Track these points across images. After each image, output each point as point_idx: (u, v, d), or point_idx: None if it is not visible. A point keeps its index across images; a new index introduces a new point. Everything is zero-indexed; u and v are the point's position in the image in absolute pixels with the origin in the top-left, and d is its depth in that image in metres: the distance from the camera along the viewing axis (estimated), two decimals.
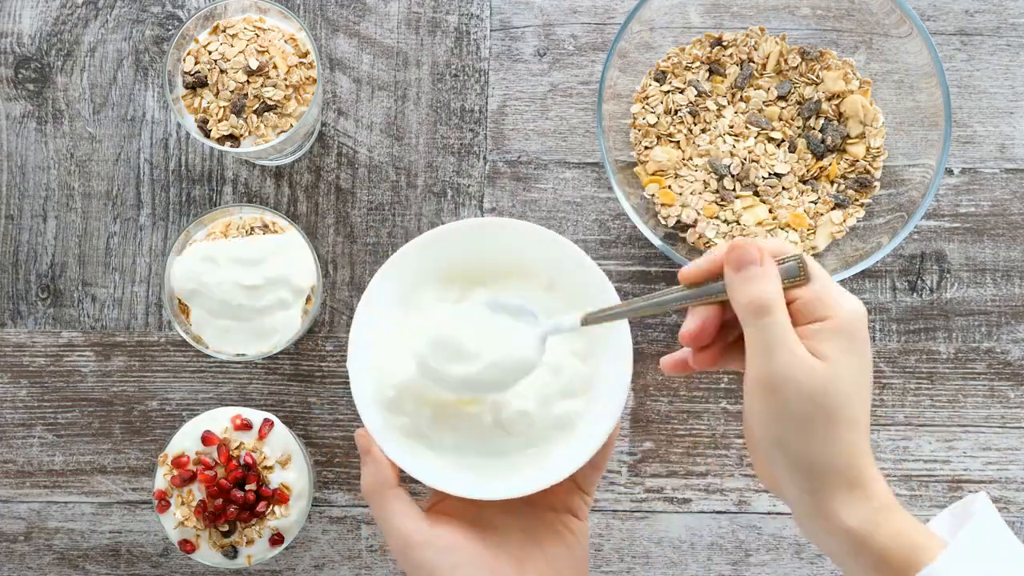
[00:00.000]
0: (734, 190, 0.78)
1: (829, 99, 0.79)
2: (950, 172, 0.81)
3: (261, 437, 0.74)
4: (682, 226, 0.78)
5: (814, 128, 0.79)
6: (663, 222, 0.78)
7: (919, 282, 0.81)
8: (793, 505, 0.53)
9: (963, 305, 0.81)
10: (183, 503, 0.74)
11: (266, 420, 0.74)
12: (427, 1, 0.81)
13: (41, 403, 0.80)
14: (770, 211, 0.78)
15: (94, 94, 0.81)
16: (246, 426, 0.74)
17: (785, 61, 0.80)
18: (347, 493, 0.80)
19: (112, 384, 0.80)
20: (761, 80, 0.79)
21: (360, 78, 0.81)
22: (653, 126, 0.79)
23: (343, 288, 0.81)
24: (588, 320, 0.57)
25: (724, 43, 0.80)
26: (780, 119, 0.79)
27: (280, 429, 0.75)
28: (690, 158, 0.78)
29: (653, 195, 0.78)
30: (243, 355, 0.74)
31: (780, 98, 0.80)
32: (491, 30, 0.82)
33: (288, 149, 0.77)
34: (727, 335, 0.55)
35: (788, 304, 0.51)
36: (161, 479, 0.74)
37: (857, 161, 0.78)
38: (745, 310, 0.51)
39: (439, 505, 0.61)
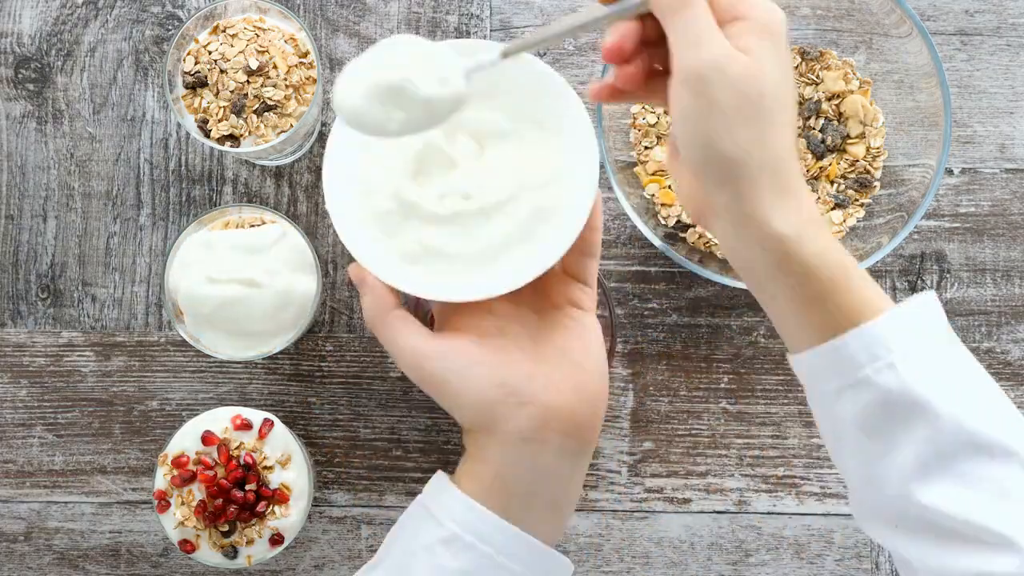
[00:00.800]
0: None
1: (829, 99, 0.79)
2: (950, 172, 0.81)
3: (261, 437, 0.74)
4: (682, 226, 0.78)
5: (814, 128, 0.79)
6: (663, 222, 0.79)
7: (919, 282, 0.81)
8: (720, 219, 0.53)
9: (963, 305, 0.81)
10: (183, 503, 0.74)
11: (266, 420, 0.74)
12: (427, 1, 0.81)
13: (41, 403, 0.80)
14: None
15: (94, 94, 0.81)
16: (246, 426, 0.74)
17: None
18: (347, 493, 0.80)
19: (112, 384, 0.80)
20: None
21: None
22: (653, 126, 0.79)
23: (343, 288, 0.81)
24: (508, 52, 0.54)
25: None
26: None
27: (280, 429, 0.75)
28: None
29: (653, 195, 0.79)
30: (243, 355, 0.74)
31: None
32: (491, 30, 0.82)
33: (288, 149, 0.77)
34: (652, 59, 0.55)
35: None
36: (161, 479, 0.74)
37: (857, 161, 0.78)
38: (667, 7, 0.51)
39: (443, 327, 0.60)
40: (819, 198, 0.78)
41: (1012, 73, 0.81)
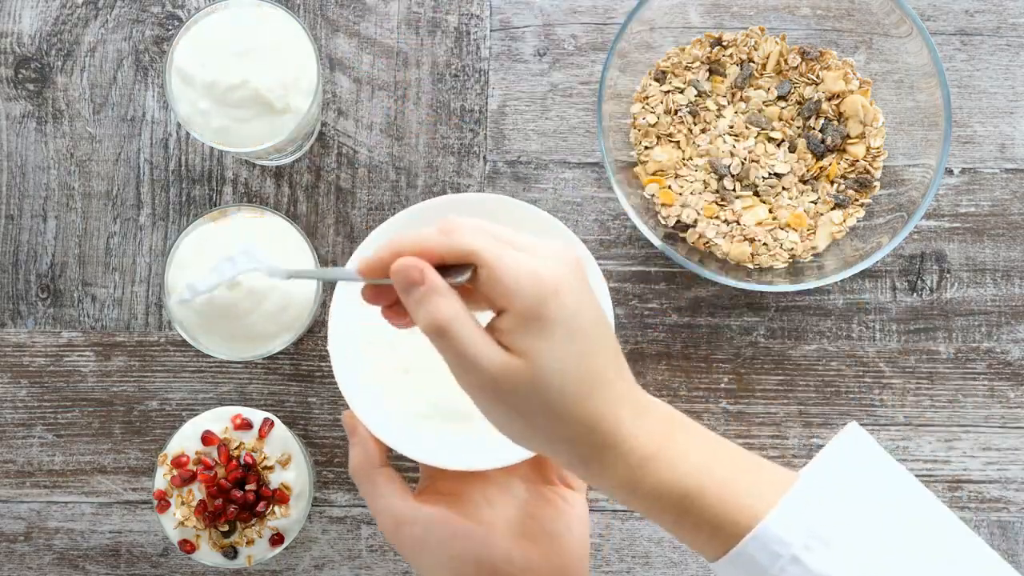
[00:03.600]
0: (734, 190, 0.78)
1: (829, 99, 0.79)
2: (950, 172, 0.81)
3: (261, 437, 0.74)
4: (682, 226, 0.78)
5: (814, 128, 0.79)
6: (663, 222, 0.79)
7: (919, 282, 0.81)
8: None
9: (963, 305, 0.81)
10: (183, 503, 0.74)
11: (266, 420, 0.75)
12: (427, 1, 0.81)
13: (41, 403, 0.80)
14: (770, 211, 0.78)
15: (94, 94, 0.81)
16: (246, 426, 0.74)
17: (785, 61, 0.80)
18: (347, 493, 0.80)
19: (112, 384, 0.80)
20: (761, 80, 0.79)
21: (360, 78, 0.81)
22: (653, 126, 0.79)
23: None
24: (287, 275, 0.52)
25: (724, 43, 0.80)
26: (780, 119, 0.79)
27: (280, 429, 0.75)
28: (690, 158, 0.78)
29: (653, 195, 0.78)
30: (243, 356, 0.74)
31: (780, 98, 0.80)
32: (491, 30, 0.82)
33: (288, 149, 0.77)
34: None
35: (470, 297, 0.48)
36: (161, 479, 0.74)
37: (857, 161, 0.78)
38: (424, 331, 0.47)
39: (428, 488, 0.61)
40: (819, 198, 0.78)
41: (1012, 73, 0.81)
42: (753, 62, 0.80)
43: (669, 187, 0.78)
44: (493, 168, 0.81)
